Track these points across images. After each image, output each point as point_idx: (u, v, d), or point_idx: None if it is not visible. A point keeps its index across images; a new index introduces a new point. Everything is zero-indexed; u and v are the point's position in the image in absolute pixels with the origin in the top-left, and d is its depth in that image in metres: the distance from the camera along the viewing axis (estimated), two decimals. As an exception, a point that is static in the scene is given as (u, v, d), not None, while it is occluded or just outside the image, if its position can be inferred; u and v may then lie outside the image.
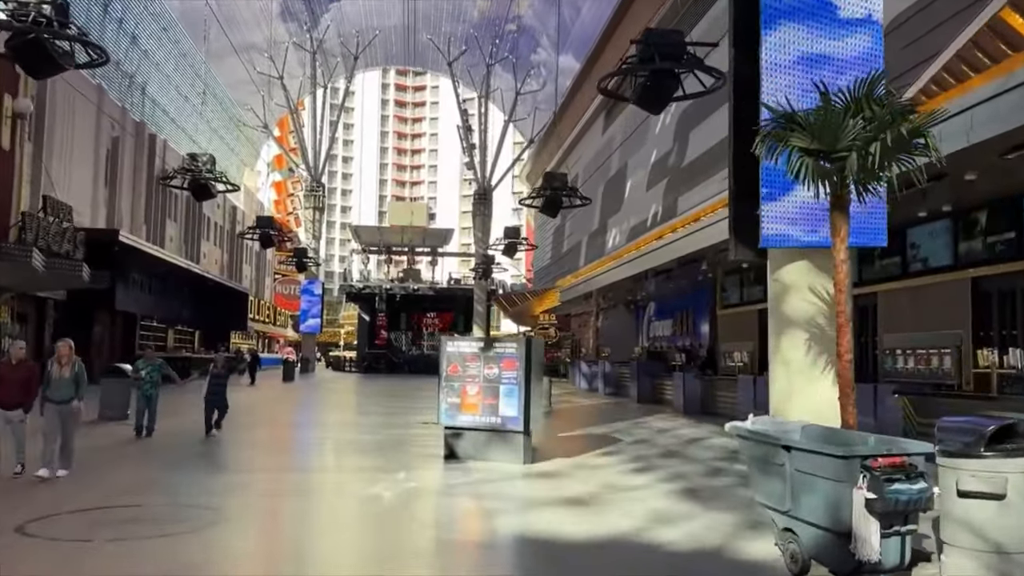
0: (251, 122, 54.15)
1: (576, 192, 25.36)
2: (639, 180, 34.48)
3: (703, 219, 20.91)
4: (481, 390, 10.46)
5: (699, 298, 26.60)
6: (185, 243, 42.64)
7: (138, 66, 35.79)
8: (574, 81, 45.67)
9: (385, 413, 19.14)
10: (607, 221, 39.09)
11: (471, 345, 10.76)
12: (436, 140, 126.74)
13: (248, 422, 16.00)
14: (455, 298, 56.61)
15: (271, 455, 11.36)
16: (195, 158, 24.25)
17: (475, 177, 53.41)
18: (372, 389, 31.37)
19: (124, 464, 10.09)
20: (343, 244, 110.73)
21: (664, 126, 31.47)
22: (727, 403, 18.23)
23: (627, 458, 11.16)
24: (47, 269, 19.80)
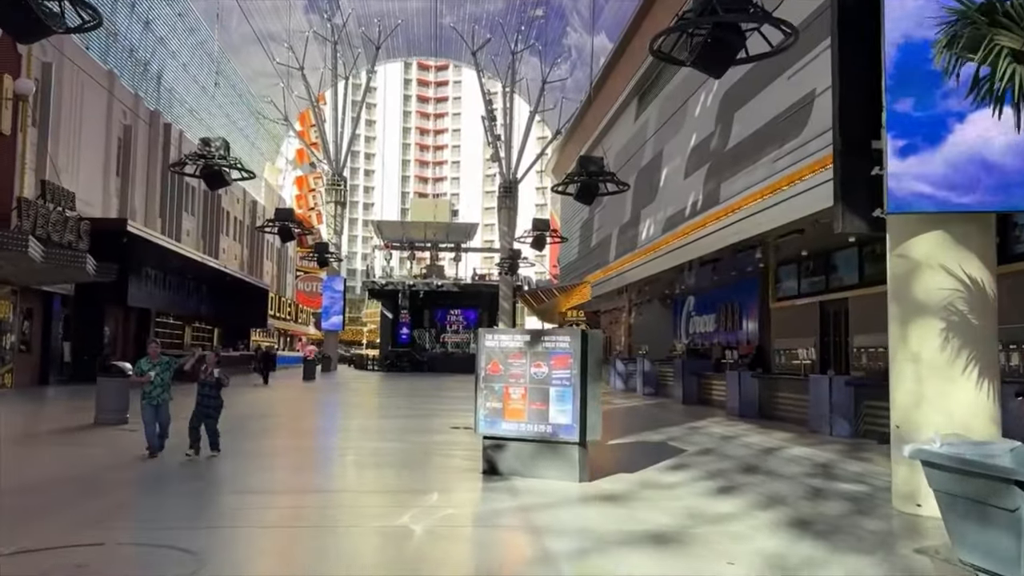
0: (271, 115, 52.92)
1: (613, 177, 23.51)
2: (676, 167, 32.55)
3: (753, 204, 19.08)
4: (527, 393, 8.71)
5: (746, 290, 24.67)
6: (203, 238, 41.30)
7: (153, 52, 34.41)
8: (605, 66, 43.75)
9: (411, 416, 17.46)
10: (640, 212, 37.17)
11: (515, 339, 9.00)
12: (459, 136, 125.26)
13: (257, 429, 14.38)
14: (480, 294, 55.04)
15: (278, 471, 9.64)
16: (208, 143, 22.66)
17: (500, 170, 51.76)
18: (396, 389, 29.75)
19: (110, 482, 8.45)
20: (365, 241, 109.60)
21: (704, 108, 29.55)
22: (790, 406, 16.35)
23: (700, 474, 9.35)
24: (47, 260, 18.36)
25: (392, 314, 54.29)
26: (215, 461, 9.76)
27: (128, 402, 14.08)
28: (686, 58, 11.77)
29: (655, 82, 37.17)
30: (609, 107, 43.43)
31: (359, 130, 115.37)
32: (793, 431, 14.22)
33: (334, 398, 24.81)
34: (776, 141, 21.75)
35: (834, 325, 18.93)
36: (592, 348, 8.65)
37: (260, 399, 22.64)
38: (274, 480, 8.79)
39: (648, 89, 37.75)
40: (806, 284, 19.91)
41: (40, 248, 17.90)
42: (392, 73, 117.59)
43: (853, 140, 7.98)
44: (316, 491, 8.38)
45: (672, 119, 33.57)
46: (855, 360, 17.53)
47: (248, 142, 54.59)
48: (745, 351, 23.23)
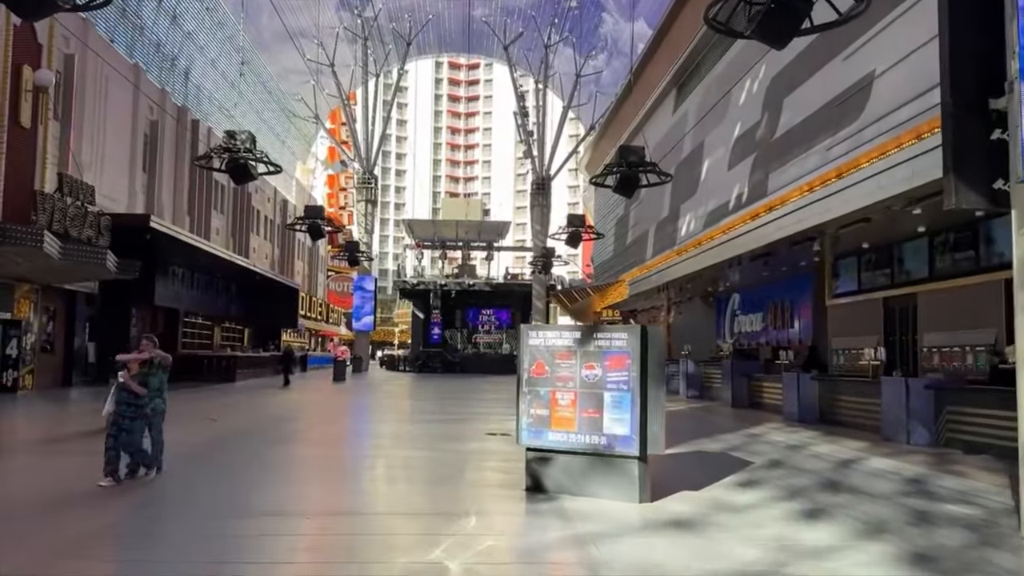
0: (302, 113, 52.32)
1: (655, 168, 22.20)
2: (718, 159, 31.16)
3: (813, 193, 17.70)
4: (578, 398, 7.55)
5: (798, 287, 23.25)
6: (232, 236, 40.73)
7: (180, 47, 33.82)
8: (642, 56, 42.39)
9: (443, 420, 16.37)
10: (679, 207, 35.79)
11: (563, 336, 7.83)
12: (490, 135, 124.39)
13: (279, 435, 13.38)
14: (512, 294, 53.95)
15: (295, 486, 8.54)
16: (233, 136, 21.82)
17: (532, 167, 50.61)
18: (427, 390, 28.72)
19: (100, 501, 7.45)
20: (397, 242, 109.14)
21: (750, 96, 28.16)
22: (857, 411, 14.96)
23: (777, 492, 8.11)
24: (64, 256, 17.59)
25: (423, 314, 53.42)
26: (222, 474, 8.74)
27: (142, 405, 13.17)
28: (745, 28, 10.49)
29: (695, 72, 35.78)
30: (646, 99, 42.05)
31: (390, 130, 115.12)
32: (864, 439, 12.87)
33: (363, 401, 23.83)
34: (830, 128, 20.36)
35: (900, 323, 17.49)
36: (652, 346, 7.45)
37: (285, 402, 21.74)
38: (290, 498, 7.70)
39: (687, 79, 36.36)
40: (868, 279, 18.46)
41: (57, 244, 17.13)
42: (423, 73, 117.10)
43: (967, 100, 6.71)
44: (337, 513, 7.27)
45: (714, 109, 32.21)
46: (924, 361, 16.09)
47: (279, 140, 54.09)
48: (797, 351, 21.82)
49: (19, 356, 20.35)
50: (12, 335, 20.28)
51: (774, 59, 25.28)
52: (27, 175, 19.74)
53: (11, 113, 19.53)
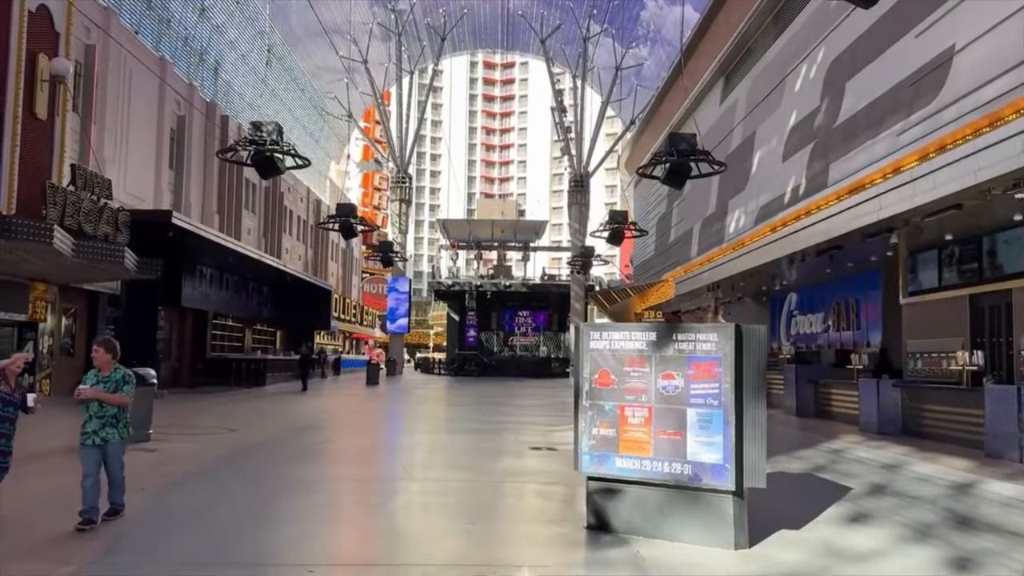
0: (335, 111, 51.43)
1: (708, 156, 20.49)
2: (771, 151, 29.35)
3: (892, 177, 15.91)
4: (653, 415, 6.03)
5: (866, 284, 21.44)
6: (264, 237, 39.80)
7: (209, 41, 32.90)
8: (686, 46, 40.62)
9: (481, 430, 14.90)
10: (728, 202, 34.00)
11: (634, 338, 6.30)
12: (525, 135, 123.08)
13: (296, 449, 12.00)
14: (549, 295, 52.49)
15: (301, 520, 7.05)
16: (259, 127, 20.64)
17: (570, 164, 49.09)
18: (463, 396, 27.33)
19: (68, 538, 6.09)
20: (431, 243, 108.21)
21: (806, 82, 26.37)
22: (951, 423, 13.18)
23: (902, 532, 6.50)
24: (78, 254, 16.47)
25: (458, 316, 52.20)
26: (219, 502, 7.37)
27: (151, 415, 11.94)
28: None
29: (744, 59, 33.97)
30: (689, 90, 40.27)
31: (424, 130, 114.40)
32: (966, 456, 11.12)
33: (395, 407, 22.50)
34: (900, 111, 18.57)
35: (990, 323, 15.63)
36: (750, 350, 5.89)
37: (313, 408, 20.48)
38: (300, 538, 6.27)
39: (735, 68, 34.55)
40: (951, 274, 16.60)
41: (70, 240, 16.01)
42: (458, 72, 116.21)
43: None
44: (352, 563, 5.82)
45: (766, 98, 30.42)
46: (1023, 365, 14.24)
47: (312, 139, 53.24)
48: (866, 353, 19.97)
49: (35, 360, 19.35)
50: (28, 337, 19.30)
51: (834, 41, 23.52)
52: (43, 169, 18.72)
53: (26, 103, 18.53)
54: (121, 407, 6.38)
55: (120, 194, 23.84)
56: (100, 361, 6.51)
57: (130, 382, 6.46)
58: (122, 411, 6.40)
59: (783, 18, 29.26)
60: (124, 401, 6.38)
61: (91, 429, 6.28)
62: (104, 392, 6.30)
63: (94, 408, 6.26)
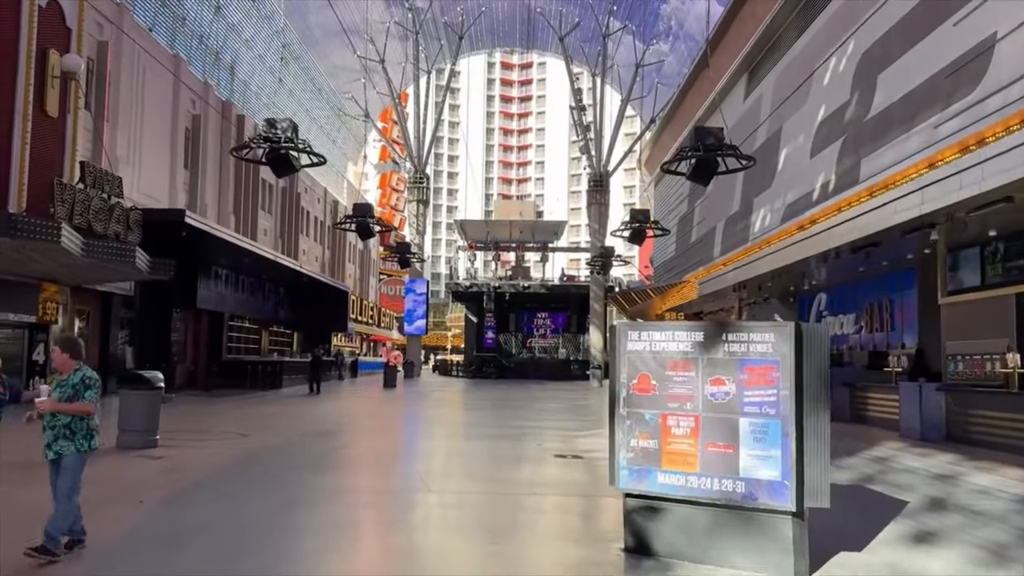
0: (352, 111, 51.05)
1: (736, 151, 19.76)
2: (798, 147, 28.54)
3: (927, 174, 15.16)
4: (701, 425, 5.38)
5: (899, 283, 20.66)
6: (281, 238, 39.43)
7: (224, 40, 32.53)
8: (708, 41, 39.83)
9: (500, 436, 14.27)
10: (752, 200, 33.18)
11: (678, 338, 5.64)
12: (543, 135, 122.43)
13: (307, 456, 11.42)
14: (568, 296, 51.77)
15: (306, 535, 6.46)
16: (273, 124, 20.16)
17: (589, 163, 48.37)
18: (482, 399, 26.73)
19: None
20: (449, 245, 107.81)
21: (836, 75, 25.57)
22: (1002, 430, 12.39)
23: (977, 554, 5.81)
24: (88, 253, 16.03)
25: (476, 318, 51.63)
26: (218, 516, 6.78)
27: (158, 421, 11.42)
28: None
29: (769, 54, 33.15)
30: (712, 87, 39.46)
31: (442, 132, 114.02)
32: (1022, 465, 10.37)
33: (412, 411, 21.92)
34: (937, 102, 17.77)
35: (1039, 323, 14.83)
36: (812, 352, 5.23)
37: (328, 412, 19.94)
38: (309, 558, 5.65)
39: (760, 62, 33.74)
40: (996, 272, 15.80)
41: (79, 239, 15.57)
42: (475, 73, 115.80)
43: None
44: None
45: (792, 93, 29.61)
46: (1075, 369, 13.42)
47: (329, 140, 52.89)
48: (901, 355, 19.15)
49: (47, 363, 18.95)
50: (39, 340, 18.91)
51: (865, 33, 22.74)
52: (54, 167, 18.29)
53: (36, 100, 18.13)
54: (78, 416, 5.52)
55: (134, 194, 23.47)
56: (58, 362, 5.73)
57: (92, 387, 5.58)
58: (78, 420, 5.51)
59: (810, 11, 28.43)
60: (86, 409, 5.51)
61: (46, 441, 5.52)
62: (60, 401, 5.48)
63: (47, 417, 5.49)
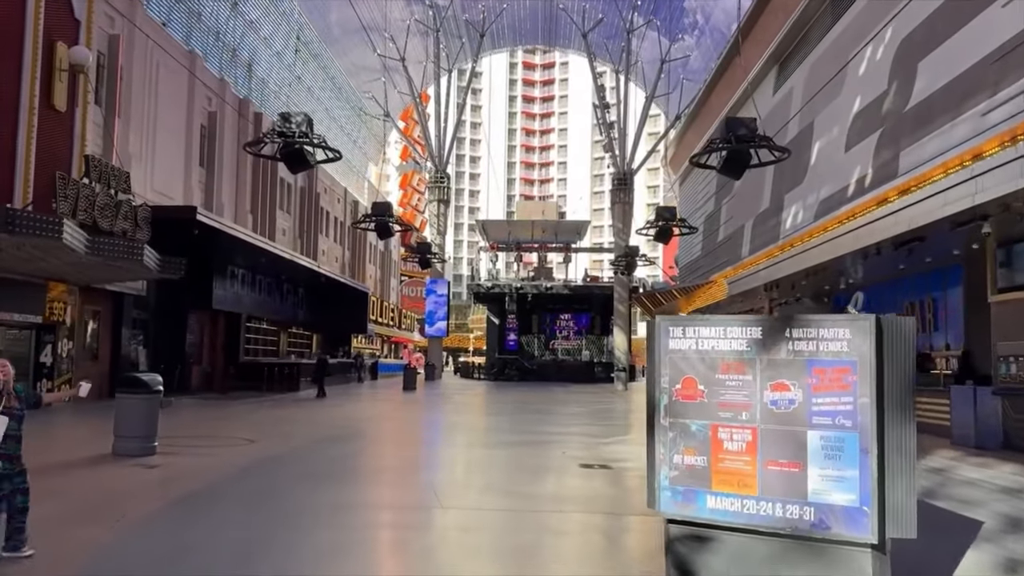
0: (373, 111, 50.52)
1: (769, 142, 18.76)
2: (832, 140, 27.45)
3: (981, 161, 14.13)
4: (760, 439, 4.50)
5: (943, 281, 19.55)
6: (300, 238, 38.88)
7: (242, 37, 31.99)
8: (735, 34, 38.75)
9: (522, 443, 13.42)
10: (783, 197, 32.06)
11: (731, 334, 4.76)
12: (565, 136, 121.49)
13: (314, 465, 10.65)
14: (592, 297, 50.75)
15: (304, 564, 5.68)
16: (287, 118, 19.47)
17: (613, 161, 47.41)
18: (504, 402, 25.90)
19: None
20: (471, 247, 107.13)
21: (872, 64, 24.48)
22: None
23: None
24: (93, 251, 15.40)
25: (498, 319, 50.80)
26: (205, 534, 6.01)
27: (156, 427, 10.71)
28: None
29: (800, 45, 32.05)
30: (741, 80, 38.37)
31: (463, 133, 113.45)
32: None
33: (432, 415, 21.13)
34: (984, 89, 16.68)
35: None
36: (895, 352, 4.35)
37: (345, 416, 19.21)
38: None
39: (791, 54, 32.63)
40: (1054, 268, 14.73)
41: (83, 236, 14.95)
42: (497, 73, 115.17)
43: None
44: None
45: (825, 84, 28.50)
46: None
47: (350, 140, 52.38)
48: (946, 357, 18.06)
49: (53, 364, 18.40)
50: (47, 341, 18.36)
51: (905, 18, 21.64)
52: (62, 163, 17.72)
53: (43, 94, 17.59)
54: None
55: (147, 192, 22.95)
56: None
57: None
58: None
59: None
60: None
61: None
62: None
63: None
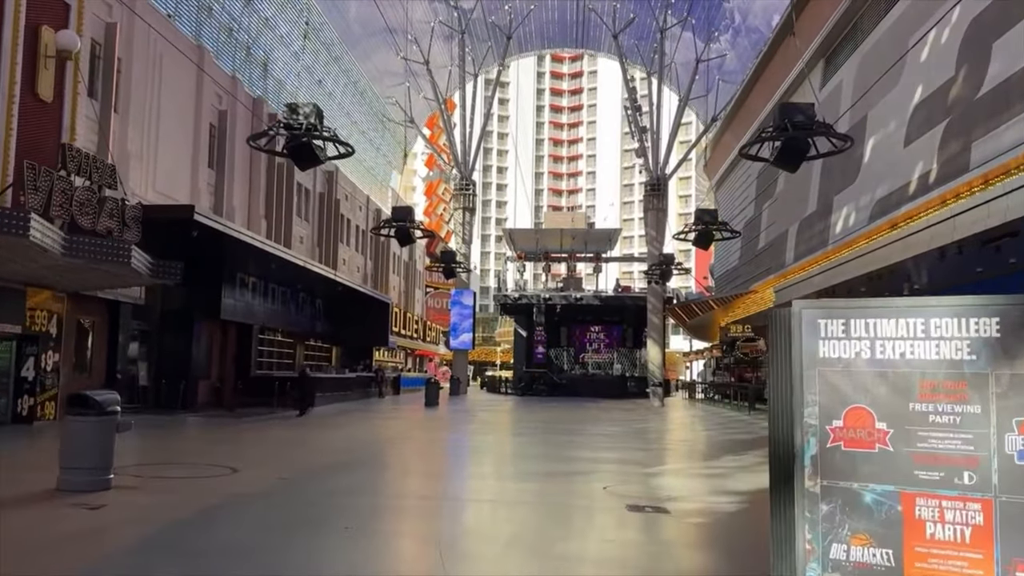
0: (396, 116, 49.01)
1: (830, 131, 16.58)
2: (889, 135, 25.23)
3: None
4: (998, 521, 2.44)
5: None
6: (319, 246, 37.21)
7: (257, 35, 30.50)
8: (776, 29, 36.60)
9: (554, 474, 11.36)
10: (832, 199, 29.81)
11: (938, 333, 2.68)
12: (593, 145, 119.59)
13: (303, 502, 8.65)
14: (624, 308, 48.53)
15: None
16: (295, 109, 17.69)
17: (646, 166, 45.29)
18: (532, 421, 23.83)
19: None
20: (497, 259, 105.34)
21: (937, 50, 22.28)
22: None
23: None
24: (70, 251, 13.68)
25: (526, 331, 48.76)
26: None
27: (111, 456, 8.86)
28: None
29: (849, 36, 29.84)
30: (782, 79, 36.14)
31: (490, 144, 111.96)
32: None
33: (453, 436, 19.12)
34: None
35: None
36: None
37: (356, 437, 17.29)
38: None
39: (839, 46, 30.42)
40: None
41: (57, 234, 13.24)
42: (524, 83, 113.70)
43: None
44: None
45: (880, 76, 26.29)
46: None
47: (372, 147, 50.88)
48: None
49: (37, 379, 16.71)
50: (29, 353, 16.68)
51: (976, -2, 19.51)
52: (47, 158, 16.01)
53: (25, 81, 16.01)
54: None
55: (148, 193, 21.33)
56: None
57: None
58: None
59: (900, -18, 25.21)
60: None
61: None
62: None
63: None
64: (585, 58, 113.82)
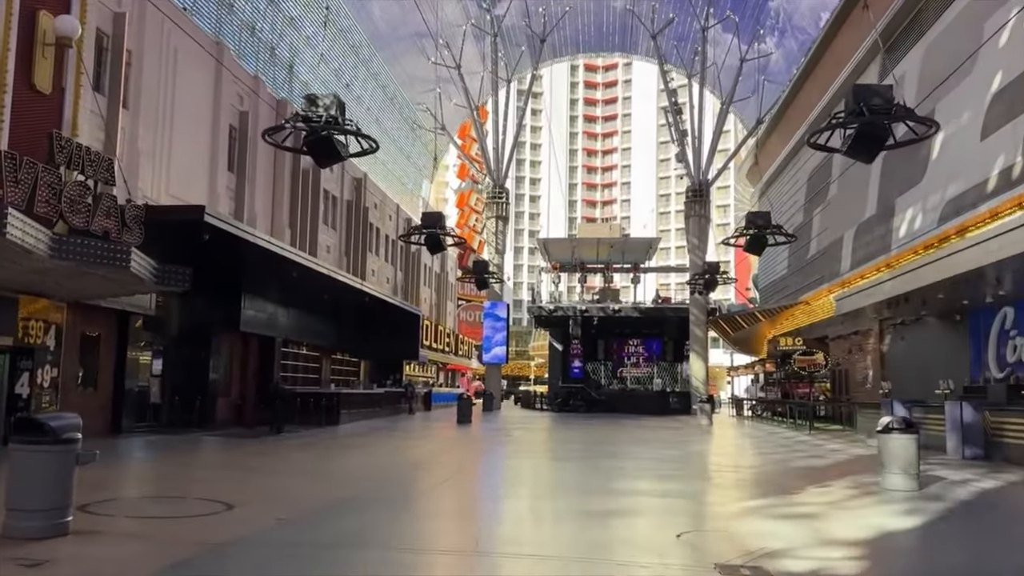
0: (427, 124, 47.66)
1: (910, 115, 14.50)
2: (962, 128, 23.11)
3: None
4: None
5: None
6: (346, 256, 35.83)
7: (281, 35, 29.25)
8: (828, 24, 34.52)
9: (605, 512, 9.48)
10: (894, 201, 27.65)
11: None
12: (628, 155, 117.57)
13: (293, 554, 6.91)
14: (664, 320, 46.35)
15: None
16: (314, 101, 16.10)
17: (687, 171, 43.32)
18: (571, 441, 21.95)
19: None
20: (531, 271, 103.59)
21: (1019, 32, 20.24)
22: None
23: None
24: (59, 254, 12.21)
25: (561, 345, 46.83)
26: None
27: (71, 493, 7.23)
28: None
29: (912, 25, 27.71)
30: (835, 74, 33.99)
31: (523, 154, 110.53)
32: None
33: (485, 459, 17.33)
34: None
35: None
36: None
37: (375, 461, 15.59)
38: None
39: (901, 36, 28.27)
40: None
41: (42, 233, 11.76)
42: (557, 93, 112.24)
43: None
44: None
45: (950, 63, 24.13)
46: None
47: (403, 155, 49.57)
48: None
49: (31, 396, 15.27)
50: (23, 367, 15.26)
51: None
52: (44, 154, 14.72)
53: (19, 70, 14.71)
54: None
55: (161, 195, 19.98)
56: None
57: None
58: None
59: (972, -36, 23.13)
60: None
61: None
62: None
63: None
64: (620, 67, 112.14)
